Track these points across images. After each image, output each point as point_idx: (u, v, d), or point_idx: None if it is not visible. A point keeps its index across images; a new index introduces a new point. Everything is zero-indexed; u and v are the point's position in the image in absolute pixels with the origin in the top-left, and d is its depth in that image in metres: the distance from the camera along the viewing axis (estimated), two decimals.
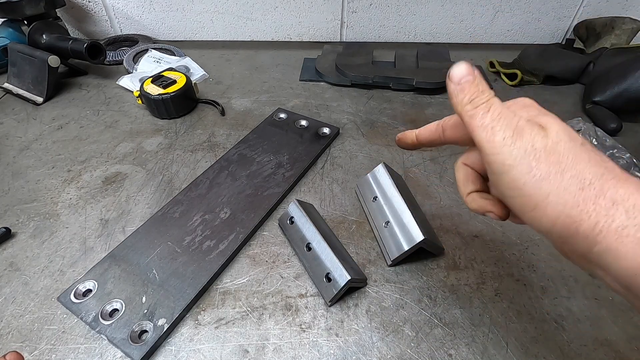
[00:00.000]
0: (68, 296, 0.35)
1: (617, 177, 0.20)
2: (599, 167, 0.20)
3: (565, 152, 0.21)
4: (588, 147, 0.21)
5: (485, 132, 0.24)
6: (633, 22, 0.69)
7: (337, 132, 0.56)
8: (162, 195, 0.47)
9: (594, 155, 0.21)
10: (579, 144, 0.21)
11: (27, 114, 0.62)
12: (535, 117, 0.24)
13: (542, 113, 0.24)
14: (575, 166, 0.20)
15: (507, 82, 0.69)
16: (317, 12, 0.80)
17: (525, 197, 0.21)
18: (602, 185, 0.20)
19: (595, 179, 0.20)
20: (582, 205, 0.19)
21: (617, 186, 0.19)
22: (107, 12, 0.82)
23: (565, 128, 0.22)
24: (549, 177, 0.20)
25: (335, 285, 0.34)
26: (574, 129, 0.54)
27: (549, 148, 0.21)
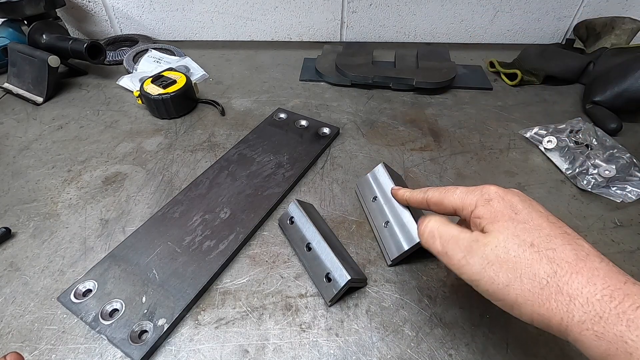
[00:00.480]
0: (68, 296, 0.35)
1: (569, 269, 0.22)
2: (551, 264, 0.22)
3: (517, 257, 0.23)
4: (535, 249, 0.23)
5: (444, 258, 0.28)
6: (633, 22, 0.69)
7: (337, 132, 0.56)
8: (162, 195, 0.47)
9: (543, 253, 0.23)
10: (528, 245, 0.23)
11: (27, 114, 0.62)
12: (478, 223, 0.27)
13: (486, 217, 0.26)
14: (530, 269, 0.22)
15: (507, 82, 0.69)
16: (317, 12, 0.80)
17: (500, 301, 0.24)
18: (557, 282, 0.21)
19: (550, 277, 0.22)
20: (547, 304, 0.21)
21: (570, 280, 0.21)
22: (107, 12, 0.82)
23: (510, 232, 0.24)
24: (510, 283, 0.23)
25: (335, 285, 0.34)
26: (574, 129, 0.54)
27: (502, 258, 0.24)
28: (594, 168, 0.46)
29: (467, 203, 0.28)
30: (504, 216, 0.25)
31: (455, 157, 0.52)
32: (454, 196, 0.29)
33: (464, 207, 0.28)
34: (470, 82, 0.69)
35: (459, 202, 0.29)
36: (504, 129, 0.58)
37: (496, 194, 0.27)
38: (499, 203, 0.26)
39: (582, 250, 0.22)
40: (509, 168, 0.50)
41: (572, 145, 0.51)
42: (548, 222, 0.24)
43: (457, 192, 0.29)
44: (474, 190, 0.28)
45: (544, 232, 0.24)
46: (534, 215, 0.25)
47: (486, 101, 0.64)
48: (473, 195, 0.28)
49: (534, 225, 0.24)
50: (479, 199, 0.27)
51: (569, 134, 0.52)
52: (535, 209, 0.26)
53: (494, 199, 0.27)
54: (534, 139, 0.54)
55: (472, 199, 0.28)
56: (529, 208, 0.26)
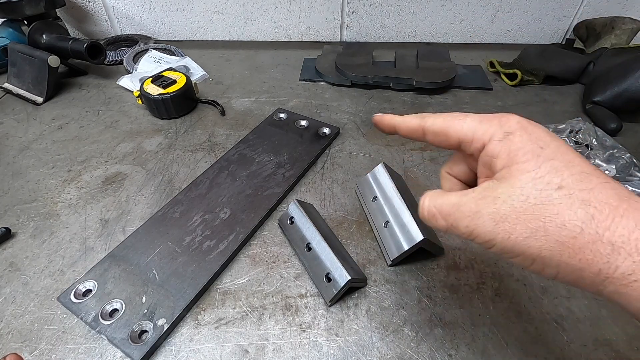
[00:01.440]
0: (68, 296, 0.35)
1: (612, 212, 0.18)
2: (586, 207, 0.18)
3: (540, 204, 0.19)
4: (565, 191, 0.19)
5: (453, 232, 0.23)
6: (633, 22, 0.69)
7: (337, 132, 0.56)
8: (162, 195, 0.47)
9: (576, 195, 0.18)
10: (555, 188, 0.19)
11: (27, 114, 0.62)
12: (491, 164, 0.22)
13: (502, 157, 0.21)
14: (558, 216, 0.18)
15: (507, 82, 0.69)
16: (317, 12, 0.80)
17: (520, 257, 0.20)
18: (596, 229, 0.18)
19: (586, 223, 0.18)
20: (580, 254, 0.18)
21: (613, 225, 0.17)
22: (107, 12, 0.82)
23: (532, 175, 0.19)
24: (532, 235, 0.19)
25: (335, 285, 0.34)
26: (574, 129, 0.54)
27: (519, 209, 0.19)
28: None
29: (480, 134, 0.22)
30: (526, 154, 0.20)
31: None
32: (463, 124, 0.23)
33: (474, 139, 0.22)
34: (470, 82, 0.69)
35: (470, 132, 0.23)
36: None
37: (519, 125, 0.21)
38: (521, 137, 0.21)
39: (623, 189, 0.18)
40: None
41: (572, 145, 0.50)
42: (581, 158, 0.20)
43: (468, 119, 0.23)
44: (491, 119, 0.22)
45: (576, 169, 0.19)
46: (564, 149, 0.20)
47: (486, 101, 0.64)
48: (489, 125, 0.22)
49: (565, 161, 0.19)
50: (497, 130, 0.22)
51: (569, 134, 0.52)
52: (564, 143, 0.21)
53: (515, 131, 0.21)
54: None
55: (486, 131, 0.22)
56: (558, 141, 0.20)
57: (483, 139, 0.22)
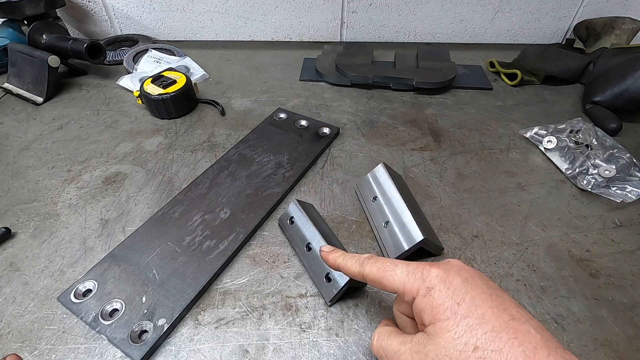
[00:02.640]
0: (68, 296, 0.35)
1: None
2: None
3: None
4: (479, 352, 0.21)
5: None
6: (633, 22, 0.69)
7: (337, 132, 0.56)
8: (162, 195, 0.47)
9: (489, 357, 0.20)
10: (472, 349, 0.21)
11: (27, 114, 0.62)
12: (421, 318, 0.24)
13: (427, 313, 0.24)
14: None
15: (507, 82, 0.69)
16: (317, 12, 0.80)
17: None
18: None
19: None
20: None
21: None
22: (107, 12, 0.82)
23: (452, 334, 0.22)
24: None
25: (335, 285, 0.34)
26: (574, 129, 0.54)
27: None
28: (594, 168, 0.46)
29: (408, 289, 0.25)
30: (445, 311, 0.22)
31: (455, 157, 0.52)
32: (394, 278, 0.25)
33: (405, 292, 0.25)
34: (470, 82, 0.69)
35: (400, 286, 0.25)
36: (504, 129, 0.58)
37: (437, 279, 0.24)
38: (440, 293, 0.23)
39: (530, 342, 0.20)
40: (508, 168, 0.50)
41: (572, 145, 0.51)
42: (492, 309, 0.22)
43: (397, 271, 0.26)
44: (415, 272, 0.25)
45: (488, 326, 0.21)
46: (477, 302, 0.22)
47: (486, 101, 0.64)
48: (414, 280, 0.25)
49: (478, 317, 0.22)
50: (420, 286, 0.24)
51: (569, 134, 0.52)
52: (478, 289, 0.23)
53: (435, 286, 0.24)
54: (534, 139, 0.54)
55: (413, 285, 0.24)
56: (473, 291, 0.23)
57: (412, 294, 0.24)
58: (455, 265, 0.25)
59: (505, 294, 0.24)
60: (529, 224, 0.43)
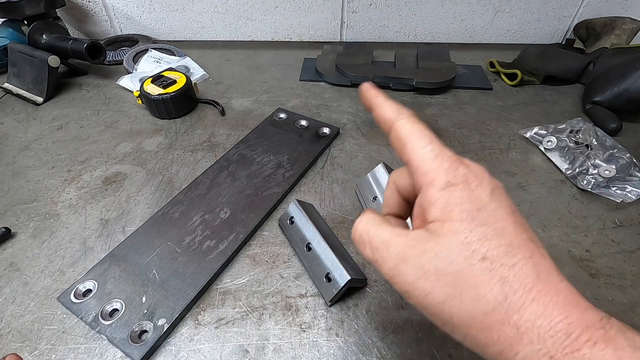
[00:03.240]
0: (68, 296, 0.35)
1: (525, 294, 0.18)
2: (503, 286, 0.18)
3: (462, 271, 0.18)
4: (487, 263, 0.18)
5: (375, 265, 0.22)
6: (633, 22, 0.69)
7: (337, 132, 0.56)
8: (162, 195, 0.47)
9: (496, 270, 0.18)
10: (479, 258, 0.18)
11: (27, 114, 0.62)
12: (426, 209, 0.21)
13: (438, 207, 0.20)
14: (476, 289, 0.18)
15: (507, 82, 0.69)
16: (317, 12, 0.80)
17: (432, 316, 0.20)
18: (507, 310, 0.18)
19: (499, 303, 0.18)
20: (487, 331, 0.18)
21: (522, 308, 0.17)
22: (107, 12, 0.82)
23: (461, 238, 0.19)
24: (447, 300, 0.19)
25: (335, 285, 0.34)
26: (574, 129, 0.54)
27: (442, 270, 0.19)
28: (594, 168, 0.46)
29: (424, 170, 0.21)
30: (462, 213, 0.19)
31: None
32: (419, 151, 0.22)
33: (418, 172, 0.21)
34: (470, 82, 0.69)
35: (419, 162, 0.21)
36: (504, 129, 0.58)
37: (464, 179, 0.20)
38: (462, 192, 0.20)
39: (544, 265, 0.19)
40: (509, 168, 0.50)
41: (572, 145, 0.51)
42: (514, 225, 0.20)
43: (428, 148, 0.21)
44: (445, 159, 0.21)
45: (505, 239, 0.19)
46: (500, 215, 0.20)
47: (486, 101, 0.64)
48: (438, 167, 0.21)
49: (496, 229, 0.19)
50: (441, 176, 0.20)
51: (569, 134, 0.52)
52: (504, 204, 0.20)
53: (458, 184, 0.20)
54: (534, 139, 0.54)
55: (433, 169, 0.21)
56: (498, 203, 0.20)
57: (425, 179, 0.21)
58: (485, 172, 0.22)
59: (531, 231, 0.21)
60: (529, 224, 0.43)
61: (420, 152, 0.22)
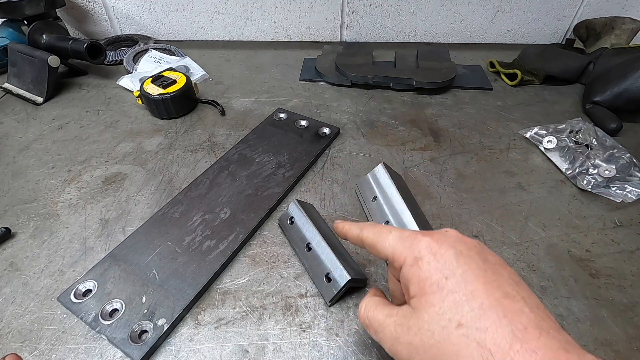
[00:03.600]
0: (68, 296, 0.35)
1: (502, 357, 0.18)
2: (481, 350, 0.18)
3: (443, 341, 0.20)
4: (463, 330, 0.19)
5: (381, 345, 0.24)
6: (633, 22, 0.69)
7: (337, 132, 0.56)
8: (162, 195, 0.47)
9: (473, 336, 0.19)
10: (455, 325, 0.19)
11: (27, 114, 0.62)
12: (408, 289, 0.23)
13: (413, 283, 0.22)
14: (457, 356, 0.19)
15: (507, 82, 0.69)
16: (317, 12, 0.80)
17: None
18: None
19: None
20: None
21: None
22: (107, 12, 0.82)
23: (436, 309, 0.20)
24: None
25: (335, 285, 0.34)
26: (574, 129, 0.54)
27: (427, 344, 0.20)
28: (594, 168, 0.46)
29: (397, 256, 0.24)
30: (432, 286, 0.21)
31: (455, 157, 0.52)
32: (385, 243, 0.25)
33: (394, 259, 0.24)
34: (470, 82, 0.69)
35: (390, 251, 0.25)
36: (504, 129, 0.58)
37: (427, 250, 0.22)
38: (428, 265, 0.22)
39: (521, 322, 0.19)
40: (508, 168, 0.50)
41: (572, 145, 0.51)
42: (484, 285, 0.20)
43: (390, 237, 0.25)
44: (406, 239, 0.24)
45: (476, 302, 0.20)
46: (468, 277, 0.21)
47: (486, 101, 0.64)
48: (403, 248, 0.24)
49: (466, 293, 0.20)
50: (408, 255, 0.23)
51: (569, 134, 0.52)
52: (472, 264, 0.21)
53: (424, 257, 0.22)
54: (534, 139, 0.54)
55: (401, 253, 0.24)
56: (465, 266, 0.21)
57: (399, 262, 0.24)
58: (451, 237, 0.23)
59: (506, 270, 0.22)
60: (529, 224, 0.43)
61: (387, 244, 0.25)
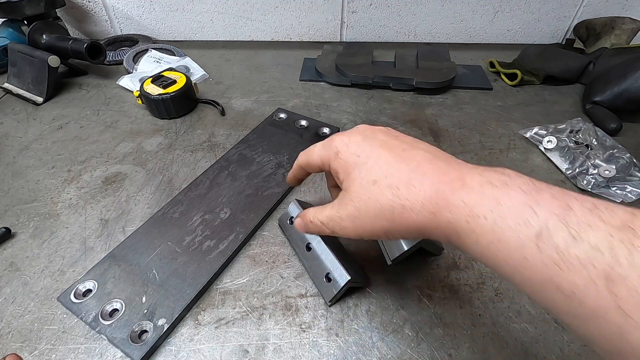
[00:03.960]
0: (68, 296, 0.35)
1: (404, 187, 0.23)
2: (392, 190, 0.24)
3: (366, 199, 0.25)
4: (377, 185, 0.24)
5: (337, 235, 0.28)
6: (633, 22, 0.69)
7: (337, 132, 0.56)
8: (162, 195, 0.47)
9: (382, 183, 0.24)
10: (371, 184, 0.24)
11: (27, 114, 0.62)
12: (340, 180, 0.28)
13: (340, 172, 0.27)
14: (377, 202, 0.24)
15: (507, 82, 0.69)
16: (317, 12, 0.80)
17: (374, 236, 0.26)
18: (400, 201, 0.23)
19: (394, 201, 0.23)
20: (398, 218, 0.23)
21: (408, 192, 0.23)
22: (107, 12, 0.82)
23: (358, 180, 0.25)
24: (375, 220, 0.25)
25: (335, 285, 0.34)
26: (574, 129, 0.54)
27: (359, 206, 0.25)
28: (594, 168, 0.46)
29: (325, 160, 0.28)
30: (350, 165, 0.26)
31: (455, 157, 0.52)
32: (313, 156, 0.29)
33: (323, 165, 0.29)
34: (470, 82, 0.69)
35: (318, 159, 0.29)
36: (504, 129, 0.58)
37: (341, 143, 0.27)
38: (345, 153, 0.27)
39: (414, 161, 0.24)
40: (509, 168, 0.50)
41: (572, 145, 0.51)
42: (387, 150, 0.25)
43: (315, 150, 0.29)
44: (326, 144, 0.29)
45: (382, 160, 0.25)
46: (375, 149, 0.26)
47: (486, 101, 0.64)
48: (325, 151, 0.28)
49: (374, 158, 0.25)
50: (330, 153, 0.28)
51: (569, 134, 0.52)
52: (377, 141, 0.26)
53: (340, 150, 0.27)
54: (534, 139, 0.54)
55: (326, 155, 0.28)
56: (371, 142, 0.26)
57: (327, 163, 0.28)
58: (359, 128, 0.28)
59: (408, 137, 0.27)
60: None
61: (314, 156, 0.30)
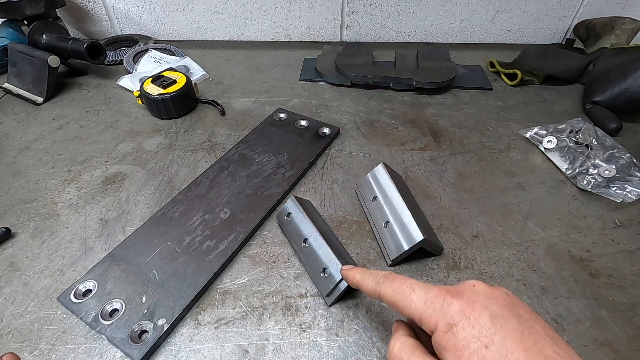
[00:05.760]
0: (68, 296, 0.35)
1: None
2: None
3: None
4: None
5: None
6: (633, 22, 0.69)
7: (337, 132, 0.56)
8: (162, 195, 0.46)
9: None
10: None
11: (27, 114, 0.62)
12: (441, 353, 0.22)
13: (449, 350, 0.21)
14: None
15: (507, 82, 0.69)
16: (317, 12, 0.80)
17: None
18: None
19: None
20: None
21: None
22: (107, 12, 0.82)
23: None
24: None
25: (331, 280, 0.34)
26: (574, 129, 0.54)
27: None
28: (594, 168, 0.46)
29: (426, 320, 0.23)
30: (471, 355, 0.20)
31: (455, 157, 0.52)
32: (411, 305, 0.23)
33: (422, 322, 0.23)
34: (470, 82, 0.69)
35: (417, 315, 0.23)
36: (504, 129, 0.58)
37: (461, 315, 0.21)
38: (464, 331, 0.21)
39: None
40: (509, 168, 0.50)
41: (572, 145, 0.51)
42: (525, 352, 0.20)
43: (414, 297, 0.23)
44: (435, 302, 0.23)
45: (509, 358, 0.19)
46: (508, 344, 0.20)
47: (486, 101, 0.64)
48: (433, 311, 0.22)
49: (498, 354, 0.20)
50: (440, 320, 0.22)
51: (569, 134, 0.52)
52: (509, 327, 0.21)
53: (458, 323, 0.21)
54: (534, 139, 0.54)
55: (431, 317, 0.22)
56: (502, 330, 0.20)
57: (430, 326, 0.22)
58: (480, 294, 0.22)
59: (539, 324, 0.21)
60: (529, 224, 0.43)
61: (412, 306, 0.23)
